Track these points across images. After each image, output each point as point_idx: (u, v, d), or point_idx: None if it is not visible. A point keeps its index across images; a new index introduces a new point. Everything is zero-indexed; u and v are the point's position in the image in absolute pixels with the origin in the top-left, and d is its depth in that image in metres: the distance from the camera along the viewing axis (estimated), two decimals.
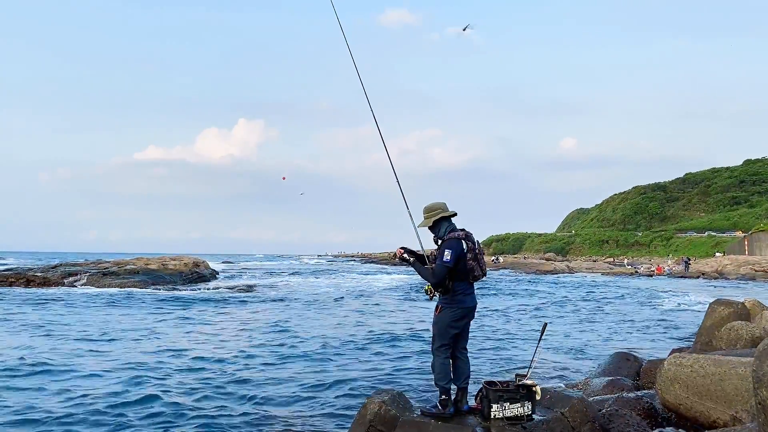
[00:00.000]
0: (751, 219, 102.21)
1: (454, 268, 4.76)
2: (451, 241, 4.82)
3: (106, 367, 8.60)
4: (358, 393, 7.23)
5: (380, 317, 16.02)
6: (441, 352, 4.89)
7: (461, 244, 4.80)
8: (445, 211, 5.02)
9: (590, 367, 8.87)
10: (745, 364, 4.46)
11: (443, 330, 4.86)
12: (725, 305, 7.73)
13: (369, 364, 9.17)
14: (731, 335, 6.76)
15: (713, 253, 74.47)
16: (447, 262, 4.73)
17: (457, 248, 4.77)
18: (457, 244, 4.79)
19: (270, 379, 8.06)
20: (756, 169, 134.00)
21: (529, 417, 4.64)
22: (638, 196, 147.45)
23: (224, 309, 17.78)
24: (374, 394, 5.02)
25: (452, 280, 4.80)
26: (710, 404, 4.64)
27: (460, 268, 4.78)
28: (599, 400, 5.91)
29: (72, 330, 12.68)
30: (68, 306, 17.88)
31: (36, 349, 10.15)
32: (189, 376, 8.12)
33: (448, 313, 4.83)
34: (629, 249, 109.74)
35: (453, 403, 4.87)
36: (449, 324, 4.84)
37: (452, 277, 4.80)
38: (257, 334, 12.43)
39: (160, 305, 18.53)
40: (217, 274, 36.29)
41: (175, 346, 10.57)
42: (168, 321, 14.57)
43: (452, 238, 4.83)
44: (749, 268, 45.74)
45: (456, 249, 4.76)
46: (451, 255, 4.73)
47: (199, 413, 6.30)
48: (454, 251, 4.74)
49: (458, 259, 4.75)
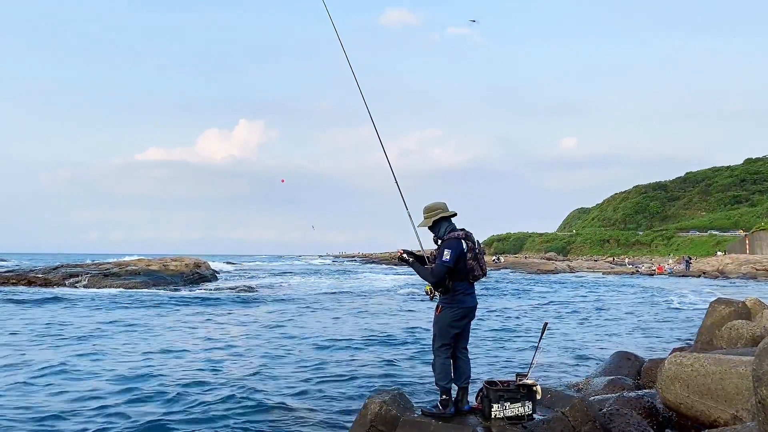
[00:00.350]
0: (752, 218, 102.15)
1: (454, 268, 4.76)
2: (451, 240, 4.82)
3: (109, 368, 8.61)
4: (358, 393, 7.24)
5: (381, 317, 16.03)
6: (441, 351, 4.90)
7: (461, 243, 4.80)
8: (445, 211, 5.02)
9: (591, 367, 8.87)
10: (746, 363, 4.46)
11: (443, 330, 4.87)
12: (726, 304, 7.73)
13: (369, 364, 9.17)
14: (732, 334, 6.76)
15: (714, 252, 74.46)
16: (446, 261, 4.73)
17: (457, 248, 4.76)
18: (457, 244, 4.79)
19: (269, 379, 8.07)
20: (757, 168, 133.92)
21: (529, 417, 4.64)
22: (639, 196, 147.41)
23: (224, 310, 17.79)
24: (374, 394, 5.03)
25: (452, 280, 4.81)
26: (711, 403, 4.64)
27: (460, 267, 4.78)
28: (600, 399, 5.91)
29: (73, 331, 12.69)
30: (69, 307, 17.89)
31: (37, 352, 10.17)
32: (188, 375, 8.12)
33: (449, 313, 4.83)
34: (630, 248, 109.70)
35: (454, 403, 4.88)
36: (449, 324, 4.84)
37: (452, 276, 4.79)
38: (257, 334, 12.44)
39: (160, 306, 18.54)
40: (218, 275, 36.31)
41: (173, 347, 10.57)
42: (168, 322, 14.58)
43: (452, 237, 4.83)
44: (750, 267, 45.72)
45: (456, 249, 4.76)
46: (451, 254, 4.73)
47: (201, 412, 6.31)
48: (454, 251, 4.74)
49: (458, 259, 4.75)
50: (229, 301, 20.70)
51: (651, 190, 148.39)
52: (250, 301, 21.15)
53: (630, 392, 6.46)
